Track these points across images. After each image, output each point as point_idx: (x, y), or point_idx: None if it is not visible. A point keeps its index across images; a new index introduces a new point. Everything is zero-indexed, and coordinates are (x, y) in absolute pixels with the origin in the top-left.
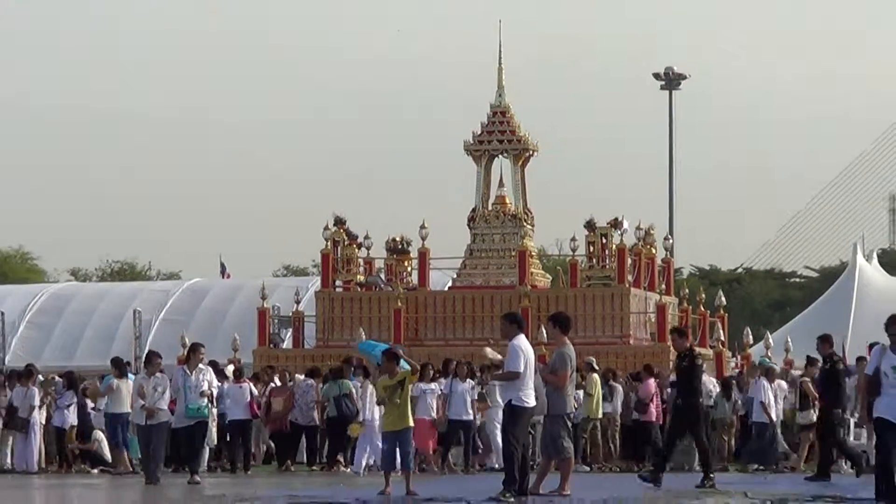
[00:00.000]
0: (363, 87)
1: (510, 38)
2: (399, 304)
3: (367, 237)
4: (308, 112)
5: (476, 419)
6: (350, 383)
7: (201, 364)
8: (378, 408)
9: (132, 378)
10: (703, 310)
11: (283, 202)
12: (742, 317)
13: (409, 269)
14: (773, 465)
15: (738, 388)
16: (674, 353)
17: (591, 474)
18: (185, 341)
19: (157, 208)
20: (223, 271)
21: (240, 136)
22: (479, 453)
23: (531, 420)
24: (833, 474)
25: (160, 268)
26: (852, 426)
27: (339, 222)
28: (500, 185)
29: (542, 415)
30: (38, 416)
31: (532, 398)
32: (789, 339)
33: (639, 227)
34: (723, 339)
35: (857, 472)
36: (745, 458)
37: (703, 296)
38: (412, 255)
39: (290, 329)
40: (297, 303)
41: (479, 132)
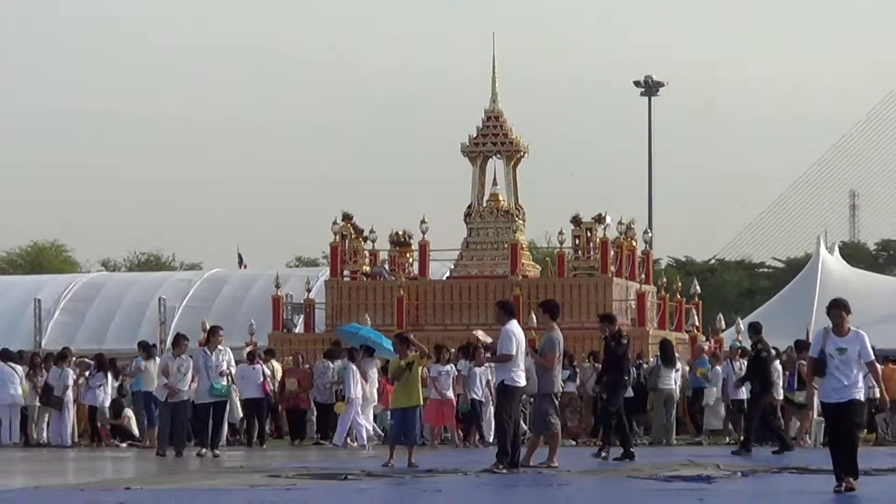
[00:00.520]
0: (369, 95)
1: (503, 50)
2: (401, 292)
3: (372, 231)
4: (320, 118)
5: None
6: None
7: (220, 346)
8: (359, 385)
9: (159, 359)
10: (679, 297)
11: (295, 200)
12: (715, 304)
13: (411, 260)
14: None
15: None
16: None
17: (577, 448)
18: (206, 326)
19: (180, 205)
20: (240, 262)
21: (257, 140)
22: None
23: (522, 398)
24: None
25: (183, 259)
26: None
27: (346, 218)
28: (494, 183)
29: (533, 394)
30: (72, 395)
31: (523, 378)
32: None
33: (620, 222)
34: (697, 324)
35: (780, 449)
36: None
37: (680, 284)
38: (413, 247)
39: (302, 315)
40: (309, 291)
41: (475, 135)
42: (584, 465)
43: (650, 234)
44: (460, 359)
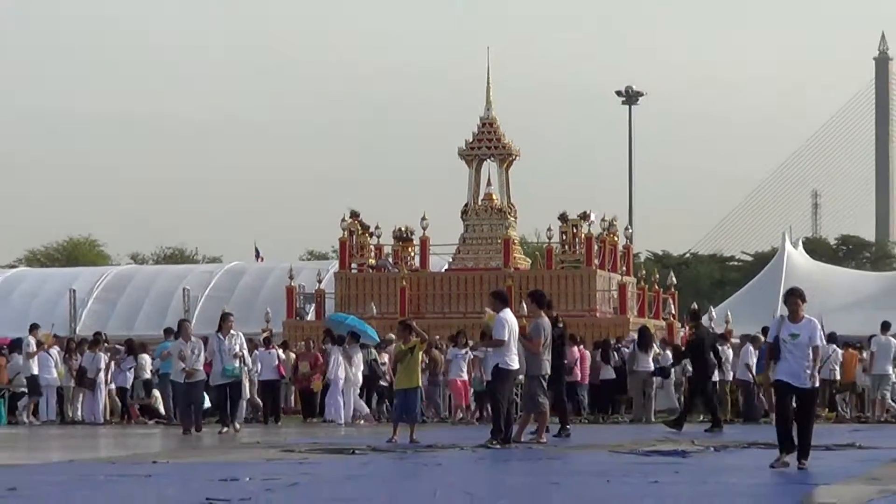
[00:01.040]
0: (374, 102)
1: (497, 62)
2: (404, 283)
3: (377, 227)
4: (331, 123)
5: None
6: (375, 350)
7: (232, 330)
8: (341, 367)
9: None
10: (657, 288)
11: (308, 199)
12: (690, 294)
13: (413, 254)
14: (756, 421)
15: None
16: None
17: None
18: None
19: (202, 204)
20: (257, 256)
21: (274, 144)
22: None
23: (515, 380)
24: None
25: (205, 253)
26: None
27: (354, 215)
28: (488, 184)
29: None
30: (104, 377)
31: (516, 362)
32: (729, 313)
33: (603, 219)
34: (674, 312)
35: (711, 426)
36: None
37: (658, 276)
38: (415, 242)
39: (314, 304)
40: (319, 282)
41: (471, 140)
42: (570, 441)
43: (630, 230)
44: (449, 345)
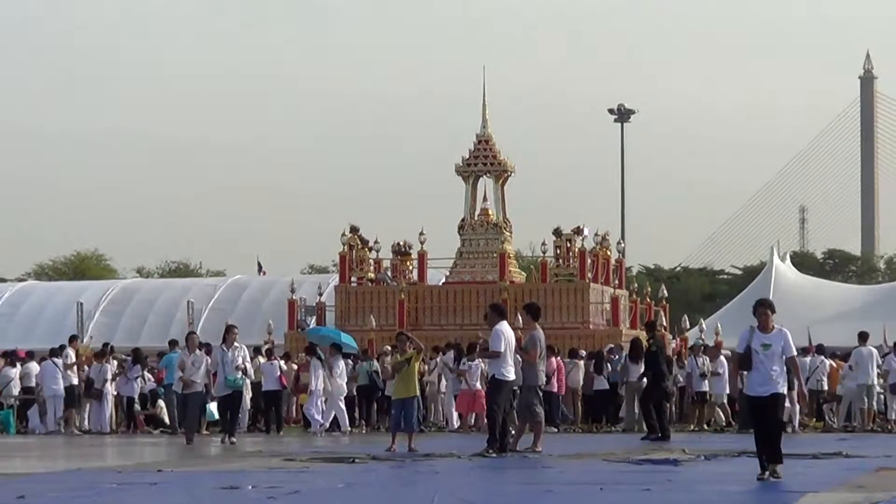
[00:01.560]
0: (373, 120)
1: (493, 81)
2: (402, 296)
3: (376, 242)
4: (331, 141)
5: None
6: (376, 363)
7: (236, 342)
8: (321, 379)
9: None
10: (649, 301)
11: (309, 214)
12: (680, 307)
13: (411, 267)
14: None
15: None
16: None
17: (558, 435)
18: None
19: (206, 219)
20: (260, 269)
21: (275, 161)
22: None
23: (511, 390)
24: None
25: (209, 267)
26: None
27: (353, 230)
28: (484, 199)
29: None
30: (111, 388)
31: (511, 373)
32: (719, 325)
33: (597, 234)
34: (665, 324)
35: (656, 436)
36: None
37: (649, 289)
38: (413, 256)
39: (315, 316)
40: (320, 295)
41: (467, 157)
42: (564, 450)
43: (623, 245)
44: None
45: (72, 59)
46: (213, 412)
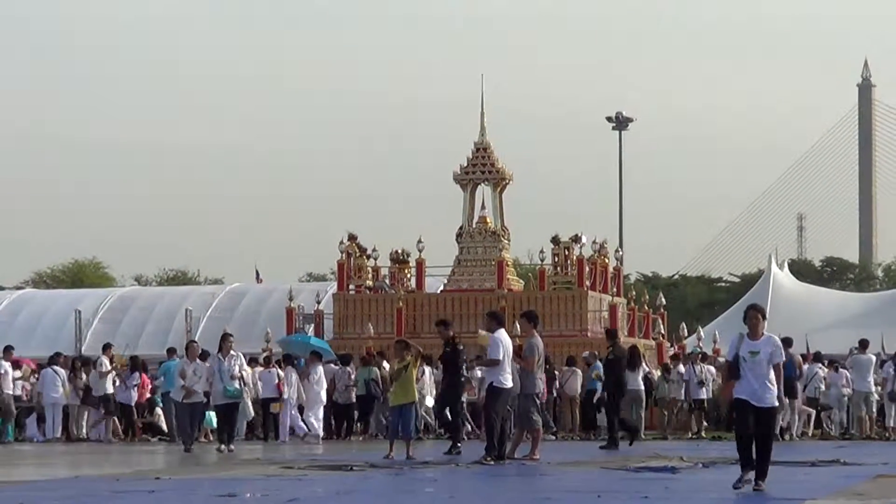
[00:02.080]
0: (372, 128)
1: (491, 89)
2: (400, 304)
3: (374, 250)
4: (330, 149)
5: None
6: (376, 370)
7: (232, 351)
8: (294, 387)
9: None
10: (647, 308)
11: (307, 222)
12: (678, 314)
13: (409, 275)
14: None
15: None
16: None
17: (556, 442)
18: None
19: (204, 227)
20: (258, 277)
21: (273, 169)
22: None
23: (509, 398)
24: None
25: (207, 274)
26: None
27: (351, 238)
28: (483, 207)
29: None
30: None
31: (510, 380)
32: (717, 333)
33: (595, 242)
34: (663, 332)
35: (630, 440)
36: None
37: (647, 297)
38: (411, 264)
39: (313, 324)
40: (318, 303)
41: (466, 165)
42: (562, 458)
43: (621, 253)
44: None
45: (69, 66)
46: (213, 420)
